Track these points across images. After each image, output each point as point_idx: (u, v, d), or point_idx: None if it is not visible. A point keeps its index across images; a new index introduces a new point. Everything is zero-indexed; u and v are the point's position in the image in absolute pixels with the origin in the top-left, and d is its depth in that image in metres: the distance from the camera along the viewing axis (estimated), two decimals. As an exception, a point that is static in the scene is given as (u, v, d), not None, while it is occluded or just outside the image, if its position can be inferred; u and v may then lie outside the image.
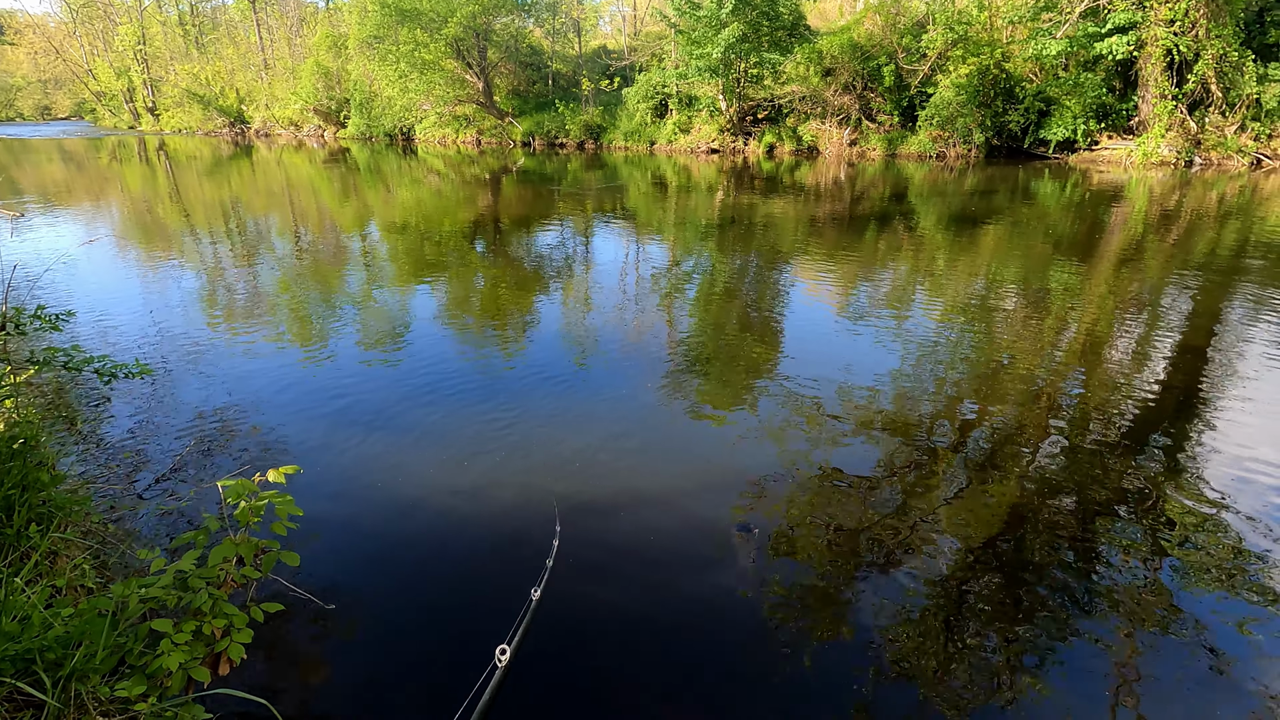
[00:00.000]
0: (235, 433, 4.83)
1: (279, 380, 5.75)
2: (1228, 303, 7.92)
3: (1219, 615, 3.15)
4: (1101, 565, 3.48)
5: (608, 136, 30.22)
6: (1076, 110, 21.41)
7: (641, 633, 3.06)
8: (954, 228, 12.61)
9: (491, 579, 3.40)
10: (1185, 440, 4.74)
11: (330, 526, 3.78)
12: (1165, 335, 6.93)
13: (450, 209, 15.51)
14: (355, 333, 7.02)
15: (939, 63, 23.11)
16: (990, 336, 6.84)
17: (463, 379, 5.78)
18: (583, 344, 6.71)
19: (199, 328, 7.11)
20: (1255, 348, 6.47)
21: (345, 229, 13.32)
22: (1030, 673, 2.84)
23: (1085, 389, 5.61)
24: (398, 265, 10.21)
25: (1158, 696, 2.73)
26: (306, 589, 3.18)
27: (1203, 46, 19.29)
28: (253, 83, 44.06)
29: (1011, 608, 3.19)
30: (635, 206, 15.57)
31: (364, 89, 35.08)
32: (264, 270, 9.77)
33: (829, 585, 3.34)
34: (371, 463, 4.44)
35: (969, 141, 23.06)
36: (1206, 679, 2.81)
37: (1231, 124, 20.10)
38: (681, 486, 4.19)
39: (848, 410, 5.17)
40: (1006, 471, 4.35)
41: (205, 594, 2.30)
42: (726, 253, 10.85)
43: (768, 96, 26.67)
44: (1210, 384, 5.72)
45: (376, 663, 2.89)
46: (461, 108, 32.33)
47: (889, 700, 2.71)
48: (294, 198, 17.49)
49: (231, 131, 43.31)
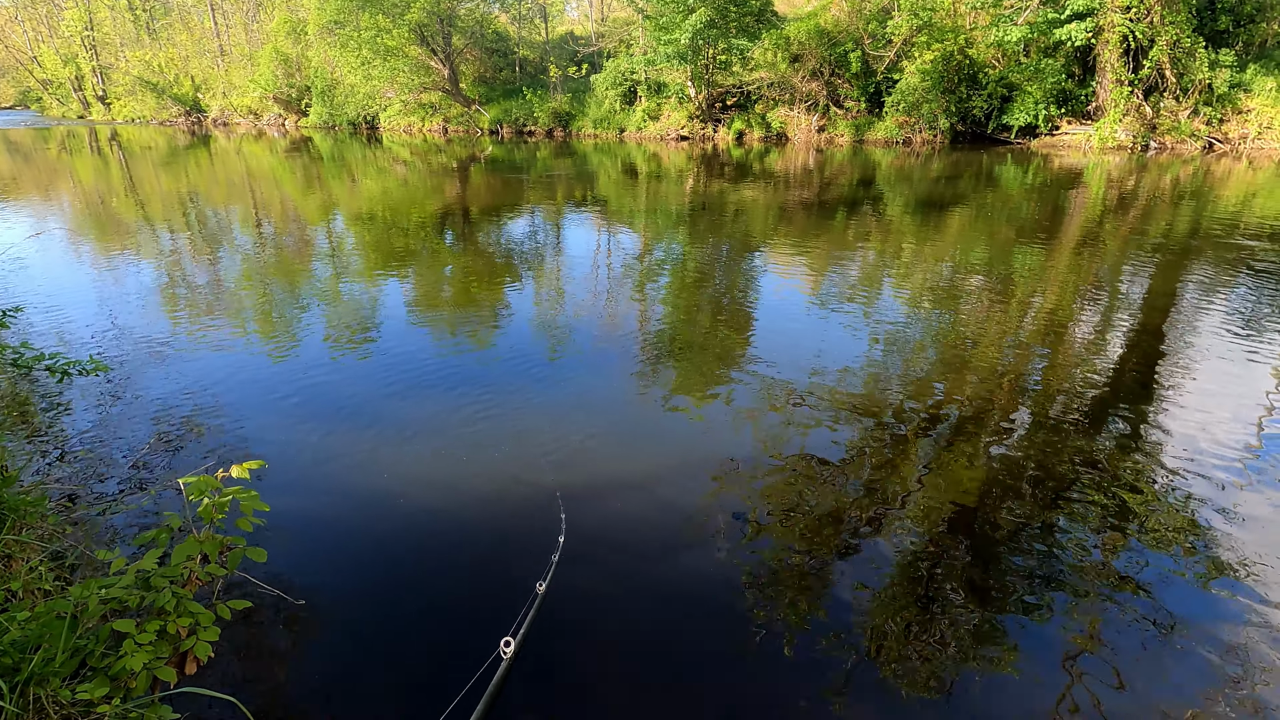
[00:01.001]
0: (199, 430, 4.72)
1: (244, 376, 5.63)
2: (1181, 284, 8.17)
3: (1173, 584, 3.27)
4: (1063, 539, 3.59)
5: (577, 124, 29.97)
6: (1038, 96, 21.80)
7: (614, 617, 3.08)
8: (921, 213, 12.78)
9: (467, 573, 3.39)
10: (1142, 418, 4.90)
11: (300, 521, 3.73)
12: (1123, 316, 7.13)
13: (418, 199, 15.27)
14: (322, 326, 6.90)
15: (904, 49, 23.33)
16: (956, 320, 6.97)
17: (433, 371, 5.72)
18: (556, 335, 6.68)
19: (159, 323, 6.92)
20: (1207, 327, 6.70)
21: (310, 220, 13.04)
22: (997, 645, 2.93)
23: (1047, 370, 5.76)
24: (365, 257, 10.03)
25: (1117, 662, 2.83)
26: (276, 585, 3.14)
27: (1157, 33, 19.75)
28: (208, 70, 42.69)
29: (979, 583, 3.28)
30: (606, 194, 15.49)
31: (325, 76, 34.25)
32: (226, 264, 9.53)
33: (803, 567, 3.40)
34: (341, 457, 4.38)
35: (934, 127, 23.36)
36: (1161, 644, 2.93)
37: (1185, 109, 20.66)
38: (656, 474, 4.21)
39: (819, 395, 5.23)
40: (972, 451, 4.45)
41: (169, 593, 2.26)
42: (698, 241, 10.86)
43: (736, 83, 26.67)
44: (1165, 363, 5.91)
45: (347, 658, 2.87)
46: (427, 95, 31.77)
47: (863, 677, 2.77)
48: (255, 189, 17.05)
49: (188, 121, 41.97)
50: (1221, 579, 3.30)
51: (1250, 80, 20.45)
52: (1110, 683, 2.74)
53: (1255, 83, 20.37)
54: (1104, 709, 2.63)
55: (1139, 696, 2.68)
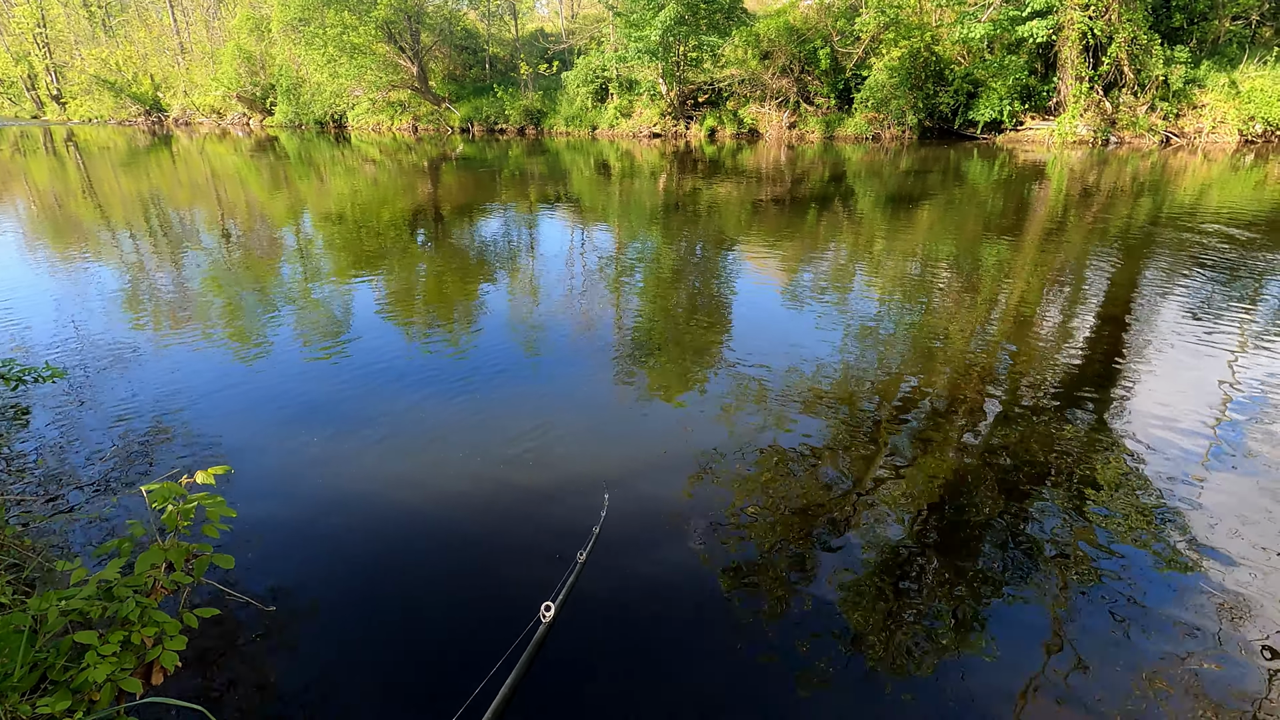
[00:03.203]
0: (165, 436, 4.61)
1: (211, 380, 5.50)
2: (1142, 275, 8.39)
3: (1138, 563, 3.37)
4: (1034, 523, 3.67)
5: (548, 121, 29.82)
6: (1002, 92, 22.22)
7: (596, 613, 3.08)
8: (891, 208, 12.95)
9: (445, 575, 3.35)
10: (1106, 407, 5.03)
11: (270, 526, 3.66)
12: (1087, 306, 7.30)
13: (388, 198, 15.06)
14: (292, 328, 6.77)
15: (872, 46, 23.61)
16: (927, 313, 7.08)
17: (407, 372, 5.65)
18: (532, 333, 6.64)
19: (122, 328, 6.73)
20: (1167, 316, 6.89)
21: (277, 221, 12.79)
22: (972, 630, 2.98)
23: (1015, 360, 5.88)
24: (335, 258, 9.87)
25: (1085, 644, 2.90)
26: (246, 592, 3.08)
27: (1115, 30, 20.24)
28: (168, 68, 41.64)
29: (954, 569, 3.34)
30: (580, 192, 15.44)
31: (290, 74, 33.62)
32: (191, 266, 9.31)
33: (782, 559, 3.43)
34: (313, 460, 4.31)
35: (903, 123, 23.69)
36: (1129, 620, 3.01)
37: (1142, 104, 21.21)
38: (634, 469, 4.20)
39: (795, 389, 5.28)
40: (945, 440, 4.52)
41: (133, 602, 2.20)
42: (672, 238, 10.88)
43: (708, 80, 26.76)
44: (1127, 352, 6.06)
45: (321, 664, 2.83)
46: (395, 93, 31.35)
47: (843, 666, 2.81)
48: (220, 190, 16.68)
49: (148, 120, 40.89)
50: (1182, 561, 3.40)
51: (1204, 76, 21.06)
52: (1078, 664, 2.81)
53: (1209, 78, 20.99)
54: (1073, 689, 2.69)
55: (1106, 676, 2.75)
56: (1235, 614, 3.06)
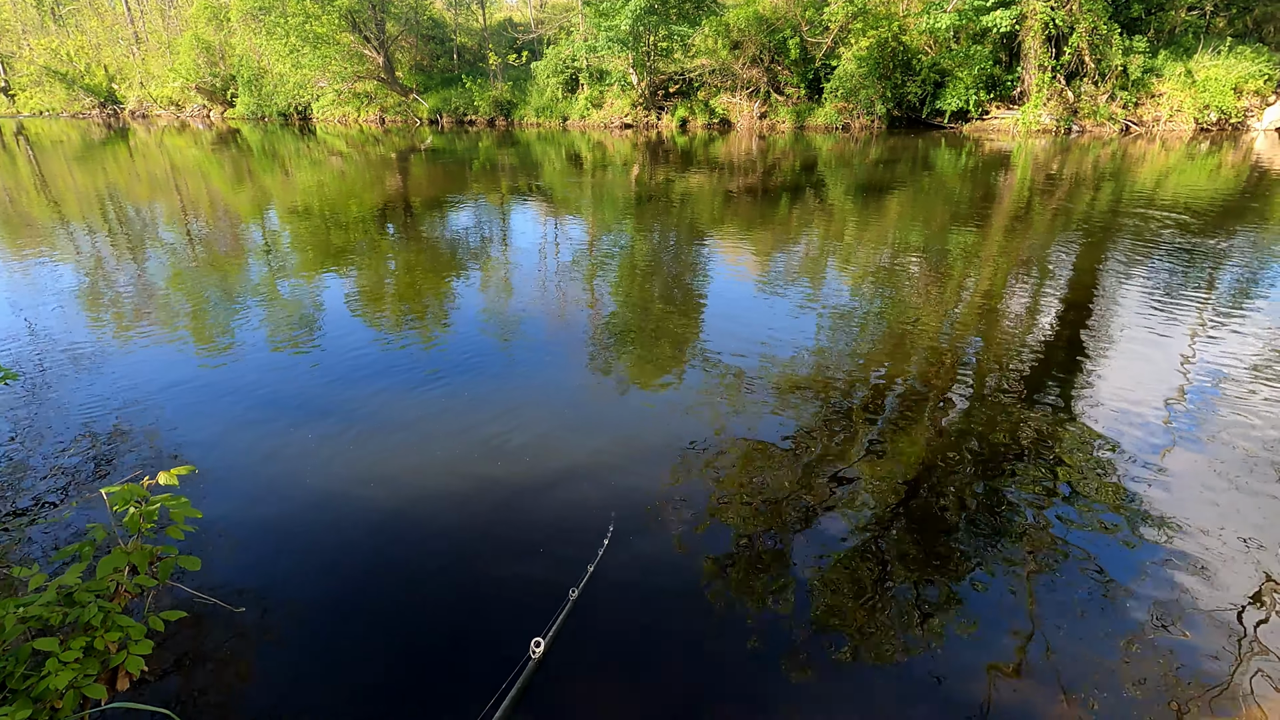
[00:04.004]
0: (127, 437, 4.48)
1: (175, 379, 5.36)
2: (1104, 260, 8.60)
3: (1104, 540, 3.46)
4: (1006, 506, 3.75)
5: (519, 113, 29.51)
6: (968, 81, 22.51)
7: (576, 605, 3.07)
8: (861, 197, 13.08)
9: (412, 574, 3.32)
10: (1072, 388, 5.15)
11: (239, 526, 3.59)
12: (1052, 292, 7.46)
13: (356, 191, 14.79)
14: (258, 325, 6.63)
15: (841, 35, 23.75)
16: (898, 300, 7.17)
17: (377, 368, 5.56)
18: (506, 326, 6.58)
19: (81, 328, 6.53)
20: (1129, 300, 7.07)
21: (241, 216, 12.48)
22: (947, 612, 3.04)
23: (984, 346, 5.99)
24: (301, 253, 9.67)
25: (1056, 618, 2.98)
26: (215, 594, 3.01)
27: (1076, 20, 20.62)
28: (123, 59, 40.27)
29: (929, 553, 3.40)
30: (552, 184, 15.32)
31: (252, 65, 32.75)
32: (152, 263, 9.05)
33: (761, 547, 3.45)
34: (282, 458, 4.23)
35: (872, 113, 23.89)
36: (1096, 596, 3.10)
37: (1103, 93, 21.66)
38: (611, 461, 4.20)
39: (770, 377, 5.31)
40: (918, 426, 4.60)
41: (94, 607, 2.13)
42: (646, 229, 10.86)
43: (678, 70, 26.69)
44: (1092, 335, 6.21)
45: (294, 665, 2.79)
46: (362, 84, 30.74)
47: (822, 652, 2.84)
48: (181, 184, 16.22)
49: (103, 113, 39.54)
50: (1146, 537, 3.50)
51: (1161, 66, 21.57)
52: (1048, 640, 2.88)
53: (1166, 68, 21.50)
54: (1043, 664, 2.76)
55: (1074, 651, 2.82)
56: (1196, 586, 3.16)
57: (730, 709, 2.60)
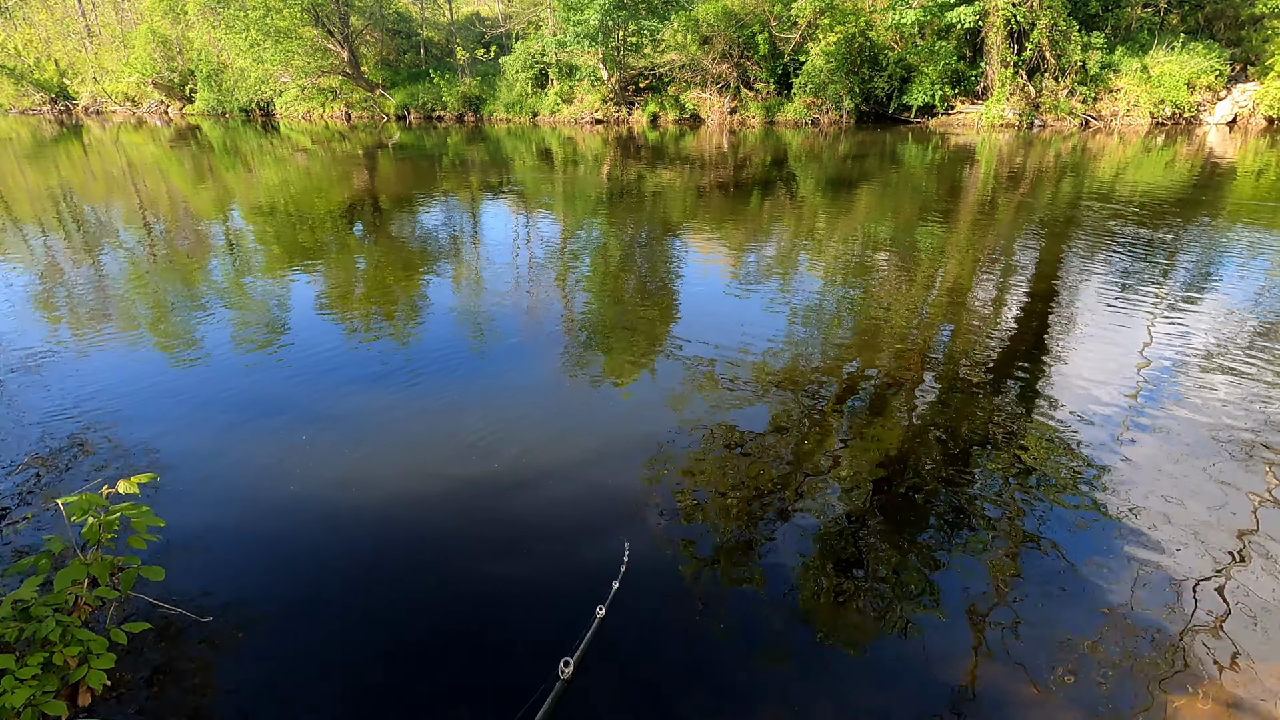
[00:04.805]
0: (86, 445, 4.34)
1: (137, 384, 5.21)
2: (1066, 251, 8.80)
3: (1070, 524, 3.55)
4: (974, 493, 3.82)
5: (488, 108, 29.19)
6: (934, 76, 22.84)
7: (557, 600, 3.06)
8: (831, 192, 13.21)
9: (388, 578, 3.27)
10: (1038, 377, 5.27)
11: (206, 534, 3.50)
12: (1017, 283, 7.62)
13: (323, 188, 14.51)
14: (224, 327, 6.46)
15: (809, 31, 23.91)
16: (868, 293, 7.26)
17: (348, 369, 5.47)
18: (479, 324, 6.52)
19: (36, 332, 6.30)
20: (1090, 290, 7.25)
21: (203, 215, 12.16)
22: (920, 598, 3.09)
23: (952, 337, 6.09)
24: (267, 252, 9.46)
25: (1025, 601, 3.05)
26: (182, 604, 2.94)
27: (1037, 16, 21.04)
28: (75, 53, 38.87)
29: (901, 540, 3.45)
30: (522, 180, 15.20)
31: (211, 59, 31.87)
32: (111, 265, 8.77)
33: (737, 540, 3.47)
34: (249, 464, 4.14)
35: (840, 108, 24.11)
36: (1063, 579, 3.18)
37: (1063, 88, 22.14)
38: (587, 458, 4.19)
39: (745, 371, 5.34)
40: (888, 417, 4.66)
41: (52, 622, 2.07)
42: (618, 225, 10.83)
43: (648, 65, 26.63)
44: (1055, 325, 6.36)
45: (265, 673, 2.73)
46: (326, 80, 30.10)
47: (799, 641, 2.87)
48: (139, 182, 15.74)
49: (54, 109, 38.14)
50: (1109, 520, 3.60)
51: (1119, 61, 22.13)
52: (1018, 623, 2.95)
53: (1123, 63, 22.06)
54: (1013, 647, 2.82)
55: (1043, 633, 2.89)
56: (1159, 568, 3.26)
57: (704, 699, 2.61)
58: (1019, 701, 2.60)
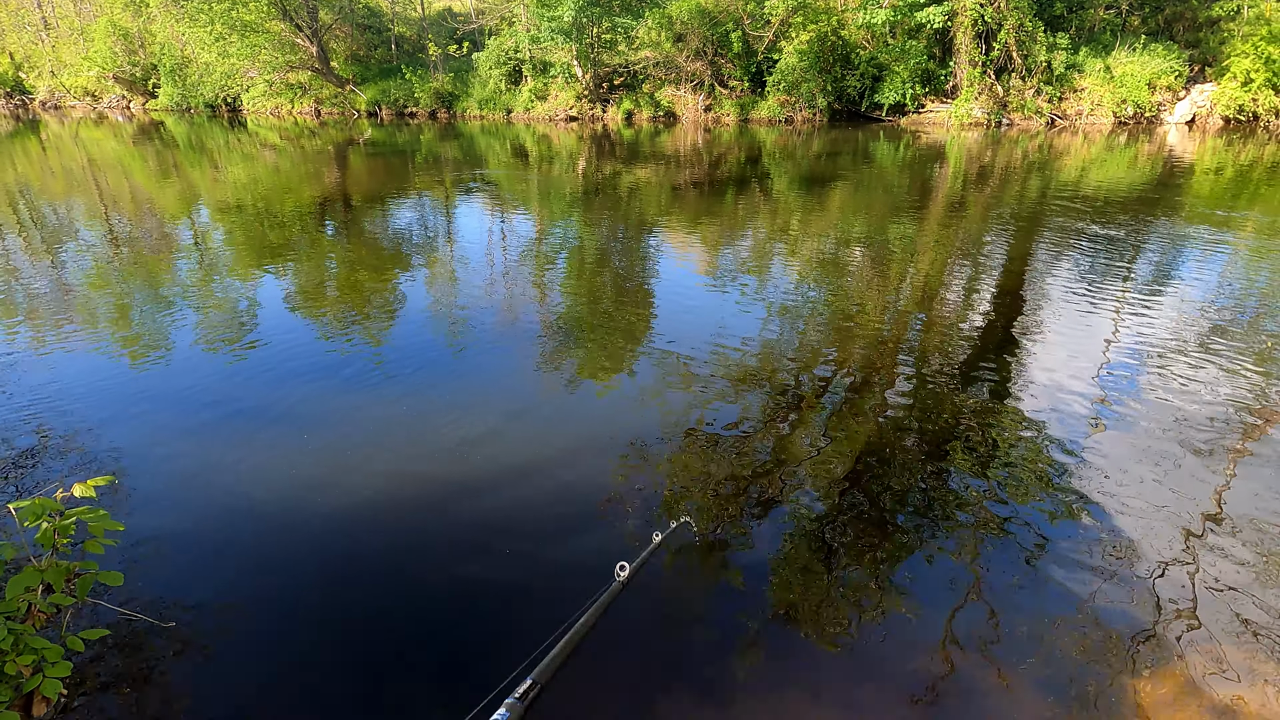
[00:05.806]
0: (43, 448, 4.21)
1: (98, 386, 5.06)
2: (1033, 248, 8.97)
3: (1039, 516, 3.61)
4: (946, 486, 3.88)
5: (461, 105, 28.90)
6: (904, 75, 23.13)
7: (532, 600, 3.04)
8: (805, 189, 13.31)
9: (357, 581, 3.22)
10: (1007, 372, 5.36)
11: (169, 537, 3.41)
12: (986, 280, 7.75)
13: (293, 186, 14.24)
14: (190, 328, 6.31)
15: (782, 29, 24.06)
16: (842, 290, 7.33)
17: (317, 370, 5.37)
18: (455, 323, 6.45)
19: (-16, 333, 6.10)
20: (1057, 286, 7.40)
21: (168, 213, 11.86)
22: (894, 591, 3.12)
23: (924, 333, 6.17)
24: (235, 251, 9.25)
25: (997, 591, 3.10)
26: (144, 609, 2.86)
27: (1004, 17, 21.41)
28: (30, 46, 37.68)
29: (875, 535, 3.48)
30: (497, 178, 15.08)
31: (174, 53, 31.09)
32: (70, 264, 8.51)
33: (714, 536, 3.48)
34: (214, 466, 4.04)
35: (813, 106, 24.30)
36: (1033, 569, 3.23)
37: (1029, 88, 22.57)
38: (562, 458, 4.16)
39: (721, 368, 5.35)
40: (862, 412, 4.71)
41: (3, 630, 1.99)
42: (594, 223, 10.80)
43: (623, 62, 26.59)
44: (1023, 321, 6.48)
45: (231, 676, 2.67)
46: (295, 75, 29.54)
47: (775, 637, 2.88)
48: (100, 179, 15.31)
49: (9, 104, 36.94)
50: (1077, 512, 3.67)
51: (1082, 62, 22.62)
52: (991, 613, 2.99)
53: (1087, 64, 22.56)
54: (987, 636, 2.87)
55: (1015, 622, 2.94)
56: (1125, 555, 3.33)
57: (682, 695, 2.61)
58: (990, 690, 2.64)
